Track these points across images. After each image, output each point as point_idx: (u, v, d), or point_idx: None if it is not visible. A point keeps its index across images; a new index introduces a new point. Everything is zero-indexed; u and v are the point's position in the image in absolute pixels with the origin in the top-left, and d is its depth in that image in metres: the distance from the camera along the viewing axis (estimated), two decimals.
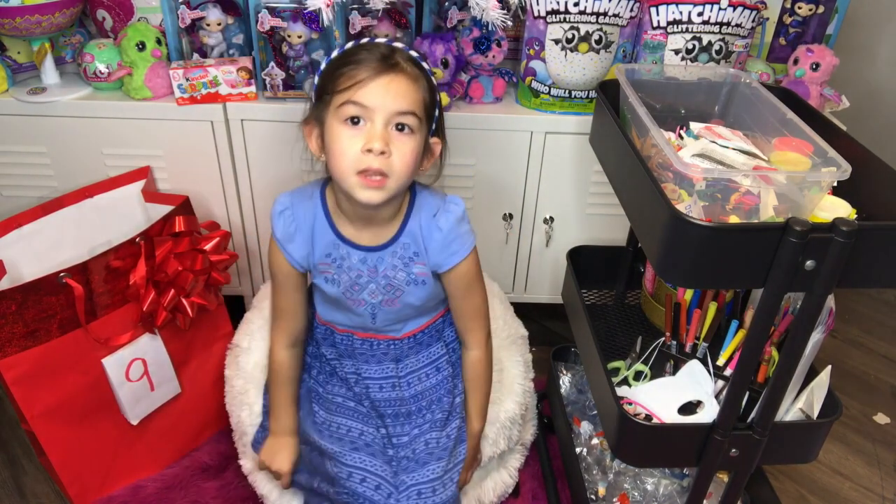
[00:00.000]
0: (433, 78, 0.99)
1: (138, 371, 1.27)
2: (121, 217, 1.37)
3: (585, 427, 1.38)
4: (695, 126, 1.09)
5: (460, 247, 1.05)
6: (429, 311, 1.15)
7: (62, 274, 1.13)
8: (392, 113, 0.92)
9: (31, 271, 1.22)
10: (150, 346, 1.28)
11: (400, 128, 0.93)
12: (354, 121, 0.92)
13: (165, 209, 1.30)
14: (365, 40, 0.97)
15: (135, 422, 1.31)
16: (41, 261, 1.25)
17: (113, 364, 1.24)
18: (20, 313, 1.11)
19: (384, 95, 0.91)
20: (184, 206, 1.30)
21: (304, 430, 1.14)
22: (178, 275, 1.23)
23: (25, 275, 1.22)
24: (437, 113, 1.01)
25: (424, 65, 0.97)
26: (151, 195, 1.37)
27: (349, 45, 0.97)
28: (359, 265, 1.05)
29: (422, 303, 1.10)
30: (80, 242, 1.31)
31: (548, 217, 1.53)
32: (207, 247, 1.28)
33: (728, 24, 1.31)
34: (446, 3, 1.43)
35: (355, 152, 0.92)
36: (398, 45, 0.96)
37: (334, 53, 0.98)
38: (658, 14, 1.31)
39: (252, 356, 1.26)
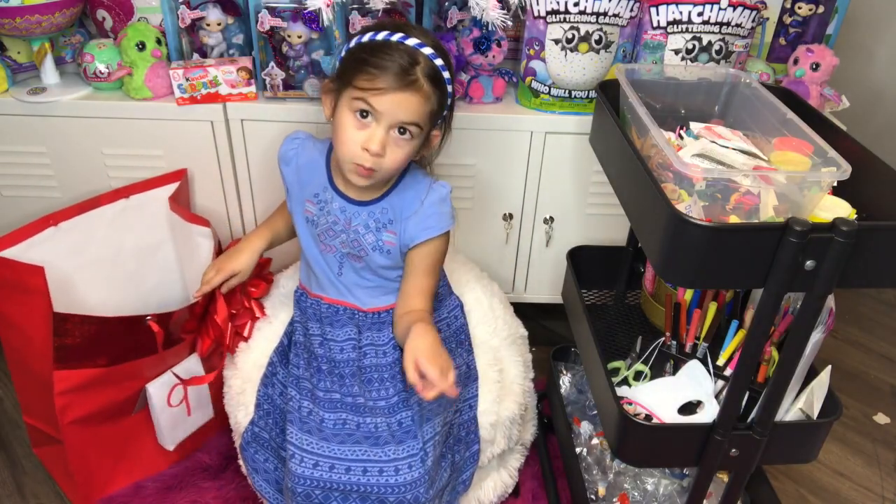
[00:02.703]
0: (450, 86, 1.04)
1: (178, 396, 1.29)
2: (148, 220, 1.38)
3: (585, 427, 1.38)
4: (695, 126, 1.09)
5: (436, 223, 1.10)
6: (395, 291, 1.17)
7: (147, 317, 1.17)
8: (397, 122, 1.00)
9: (59, 266, 1.23)
10: (192, 371, 1.30)
11: (401, 131, 1.01)
12: (363, 114, 1.00)
13: (186, 226, 1.31)
14: (396, 37, 1.00)
15: (171, 447, 1.34)
16: (67, 258, 1.26)
17: (156, 389, 1.26)
18: (89, 336, 1.13)
19: (394, 107, 0.99)
20: (213, 234, 1.34)
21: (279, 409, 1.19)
22: (253, 304, 1.29)
23: (57, 270, 1.22)
24: (445, 112, 1.07)
25: (447, 74, 1.02)
26: (179, 208, 1.36)
27: (381, 35, 1.01)
28: (337, 212, 1.12)
29: (384, 271, 1.14)
30: (107, 242, 1.33)
31: (548, 217, 1.53)
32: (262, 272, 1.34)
33: (728, 24, 1.31)
34: (446, 3, 1.43)
35: (355, 145, 1.01)
36: (427, 50, 1.00)
37: (365, 38, 1.02)
38: (658, 14, 1.31)
39: (251, 355, 1.26)
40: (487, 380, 1.22)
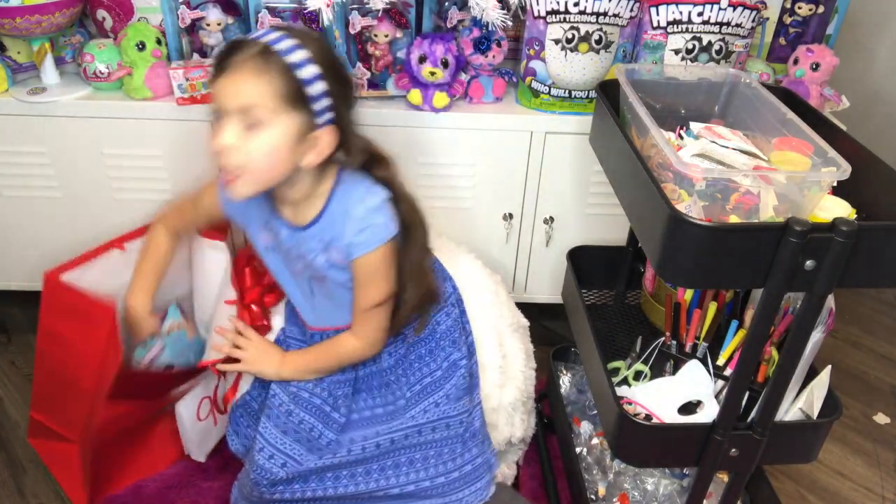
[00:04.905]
0: (313, 67, 0.94)
1: (206, 409, 1.30)
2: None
3: (585, 427, 1.38)
4: (695, 126, 1.09)
5: (369, 237, 1.04)
6: None
7: (209, 367, 1.18)
8: (233, 110, 0.93)
9: (108, 285, 1.21)
10: (214, 384, 1.30)
11: (250, 124, 0.94)
12: (216, 117, 0.96)
13: (198, 238, 1.29)
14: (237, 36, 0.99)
15: (202, 459, 1.34)
16: (115, 279, 1.23)
17: (186, 408, 1.26)
18: (144, 381, 1.16)
19: (224, 95, 0.94)
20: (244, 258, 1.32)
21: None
22: (268, 318, 1.28)
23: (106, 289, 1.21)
24: (326, 102, 0.96)
25: (297, 55, 0.93)
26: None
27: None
28: (288, 240, 1.09)
29: (350, 283, 1.10)
30: None
31: (548, 217, 1.53)
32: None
33: (728, 24, 1.31)
34: (446, 3, 1.43)
35: (213, 150, 0.96)
36: (267, 37, 0.94)
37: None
38: (658, 14, 1.31)
39: None
40: (491, 364, 1.23)
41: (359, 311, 1.11)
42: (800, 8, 1.50)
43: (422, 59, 1.35)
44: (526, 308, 1.46)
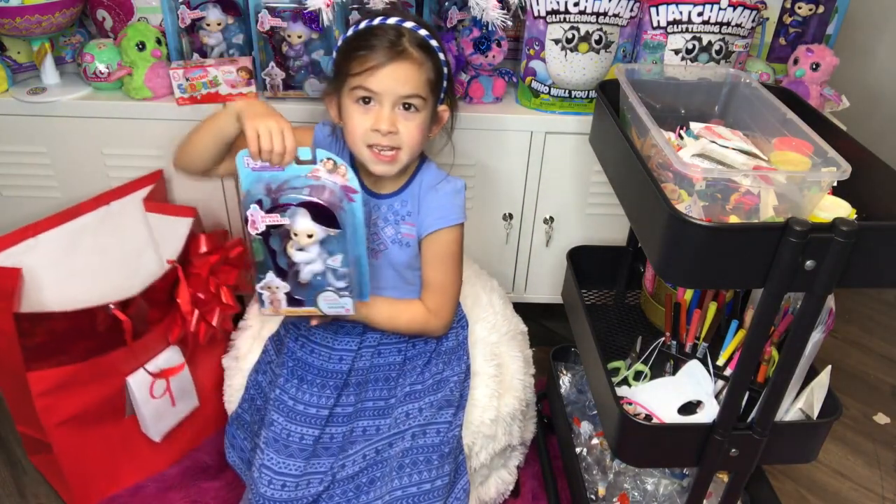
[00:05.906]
0: (441, 54, 1.06)
1: (161, 387, 1.28)
2: (130, 225, 1.36)
3: (585, 427, 1.38)
4: (695, 126, 1.09)
5: (448, 213, 1.11)
6: (407, 293, 1.17)
7: (110, 305, 1.15)
8: (398, 97, 1.02)
9: (42, 276, 1.21)
10: (172, 362, 1.29)
11: (406, 107, 1.04)
12: (365, 100, 1.03)
13: (170, 220, 1.29)
14: (377, 21, 1.03)
15: (157, 438, 1.33)
16: (51, 270, 1.24)
17: (137, 382, 1.24)
18: (56, 333, 1.12)
19: (391, 82, 1.01)
20: (197, 222, 1.32)
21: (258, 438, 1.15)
22: (219, 291, 1.28)
23: (45, 283, 1.21)
24: (444, 84, 1.09)
25: (433, 42, 1.05)
26: (157, 206, 1.36)
27: (363, 24, 1.04)
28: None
29: (402, 267, 1.13)
30: (93, 250, 1.31)
31: (548, 217, 1.53)
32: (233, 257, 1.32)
33: (728, 24, 1.31)
34: (446, 3, 1.43)
35: (365, 129, 1.03)
36: (408, 24, 1.03)
37: (349, 31, 1.06)
38: (658, 14, 1.31)
39: (252, 356, 1.26)
40: (485, 375, 1.22)
41: (430, 286, 1.14)
42: (800, 8, 1.50)
43: None
44: (526, 308, 1.46)
